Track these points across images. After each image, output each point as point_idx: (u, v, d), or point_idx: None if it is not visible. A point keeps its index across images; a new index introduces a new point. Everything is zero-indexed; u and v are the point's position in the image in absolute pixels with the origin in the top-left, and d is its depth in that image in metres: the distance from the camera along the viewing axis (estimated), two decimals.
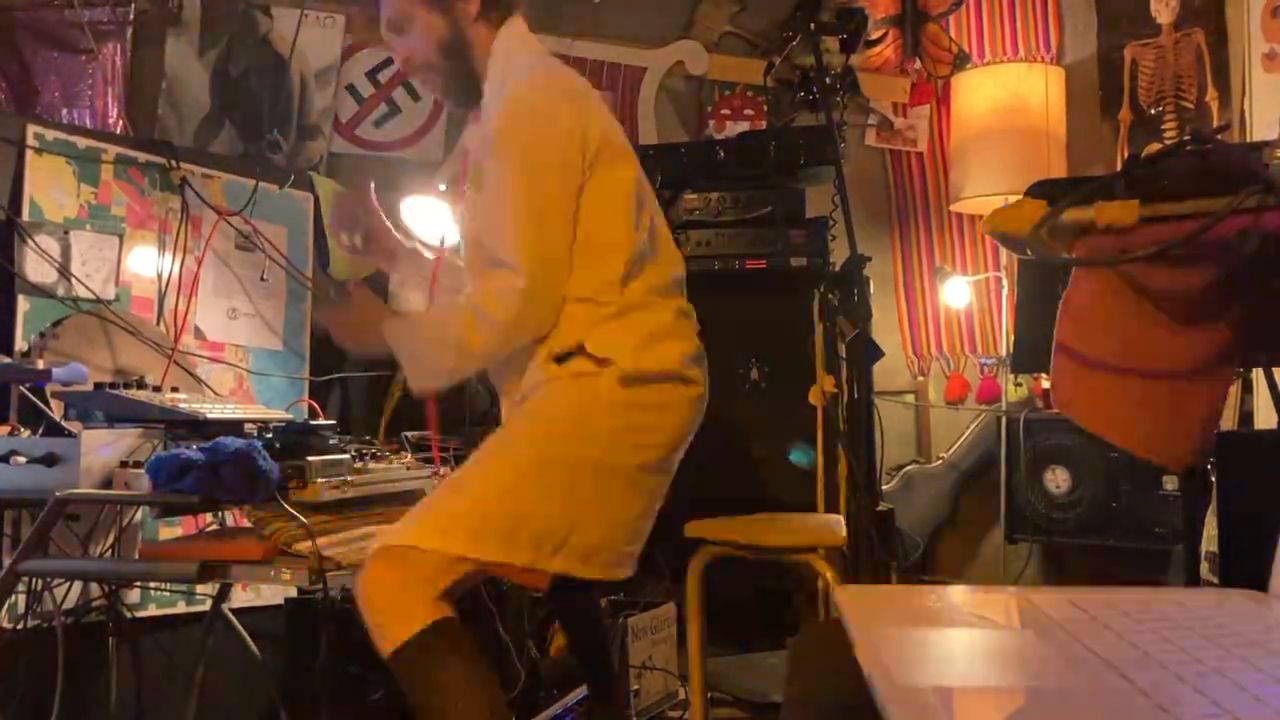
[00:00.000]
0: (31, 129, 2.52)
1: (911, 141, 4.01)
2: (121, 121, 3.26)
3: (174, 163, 2.75)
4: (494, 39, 1.92)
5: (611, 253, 1.81)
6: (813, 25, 2.13)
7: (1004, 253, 3.84)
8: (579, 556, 1.75)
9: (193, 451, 1.72)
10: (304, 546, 1.72)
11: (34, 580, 2.15)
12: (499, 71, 1.90)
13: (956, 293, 3.85)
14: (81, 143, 2.61)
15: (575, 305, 1.79)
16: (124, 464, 1.80)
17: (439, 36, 1.91)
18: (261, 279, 2.91)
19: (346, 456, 1.93)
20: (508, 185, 1.78)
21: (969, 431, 3.84)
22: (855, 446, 1.93)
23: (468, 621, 1.89)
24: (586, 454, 1.76)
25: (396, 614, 1.65)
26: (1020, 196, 1.55)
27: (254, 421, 2.02)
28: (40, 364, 2.01)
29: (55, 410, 2.04)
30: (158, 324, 2.66)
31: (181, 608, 2.56)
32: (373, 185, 2.10)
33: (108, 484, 1.78)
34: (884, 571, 1.94)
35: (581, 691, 2.41)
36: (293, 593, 2.52)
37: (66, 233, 2.52)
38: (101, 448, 1.80)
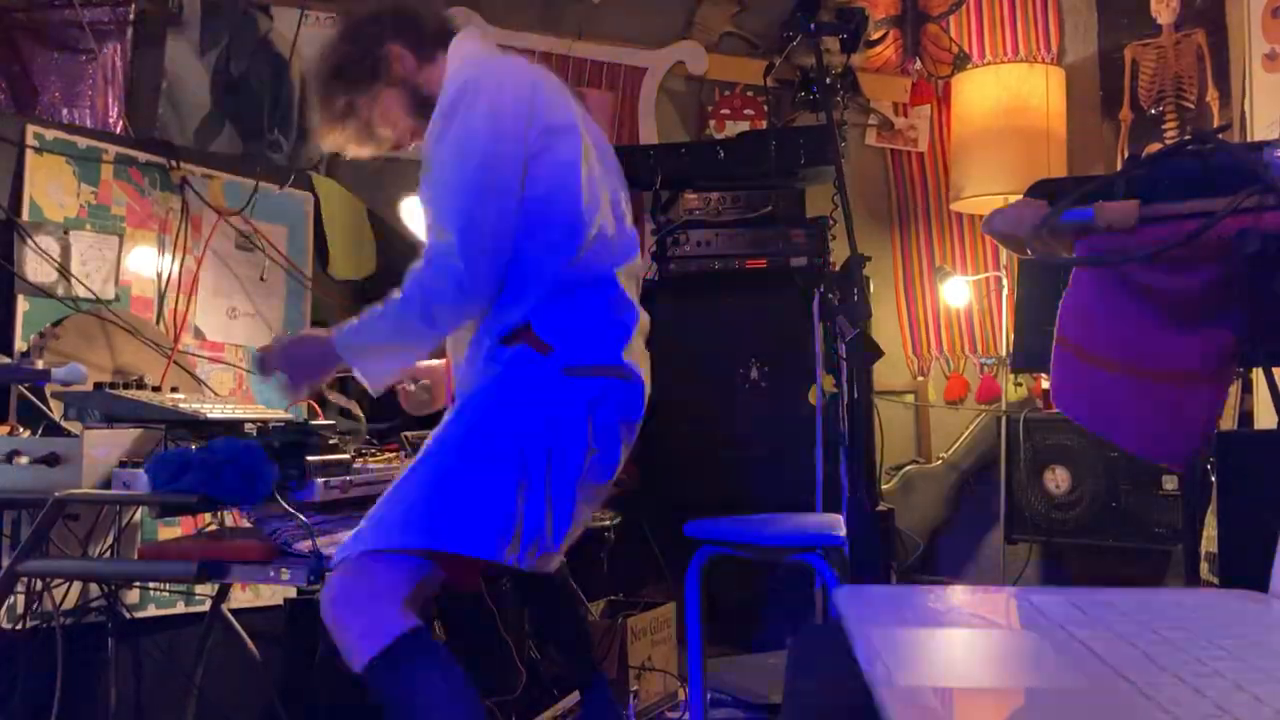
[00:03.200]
0: (31, 129, 2.52)
1: (912, 141, 4.01)
2: (121, 121, 3.26)
3: (174, 163, 2.75)
4: (445, 65, 1.92)
5: (564, 226, 1.81)
6: (813, 25, 2.13)
7: (1004, 253, 3.84)
8: (525, 548, 1.71)
9: (192, 451, 1.72)
10: (304, 546, 1.72)
11: (33, 580, 2.15)
12: (450, 74, 1.90)
13: (956, 293, 3.85)
14: (81, 143, 2.61)
15: (527, 274, 1.80)
16: (124, 464, 1.80)
17: (403, 105, 1.93)
18: (261, 279, 2.91)
19: (346, 456, 1.93)
20: (448, 156, 1.79)
21: (969, 431, 3.84)
22: (855, 446, 1.93)
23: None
24: (535, 443, 1.74)
25: (366, 626, 1.62)
26: (1020, 196, 1.55)
27: (254, 421, 2.02)
28: (40, 364, 2.01)
29: (55, 410, 2.04)
30: (157, 324, 2.66)
31: (181, 608, 2.56)
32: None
33: (107, 484, 1.78)
34: (884, 571, 1.94)
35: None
36: (293, 593, 2.52)
37: (66, 233, 2.52)
38: (101, 448, 1.79)
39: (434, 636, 1.69)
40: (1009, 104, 3.55)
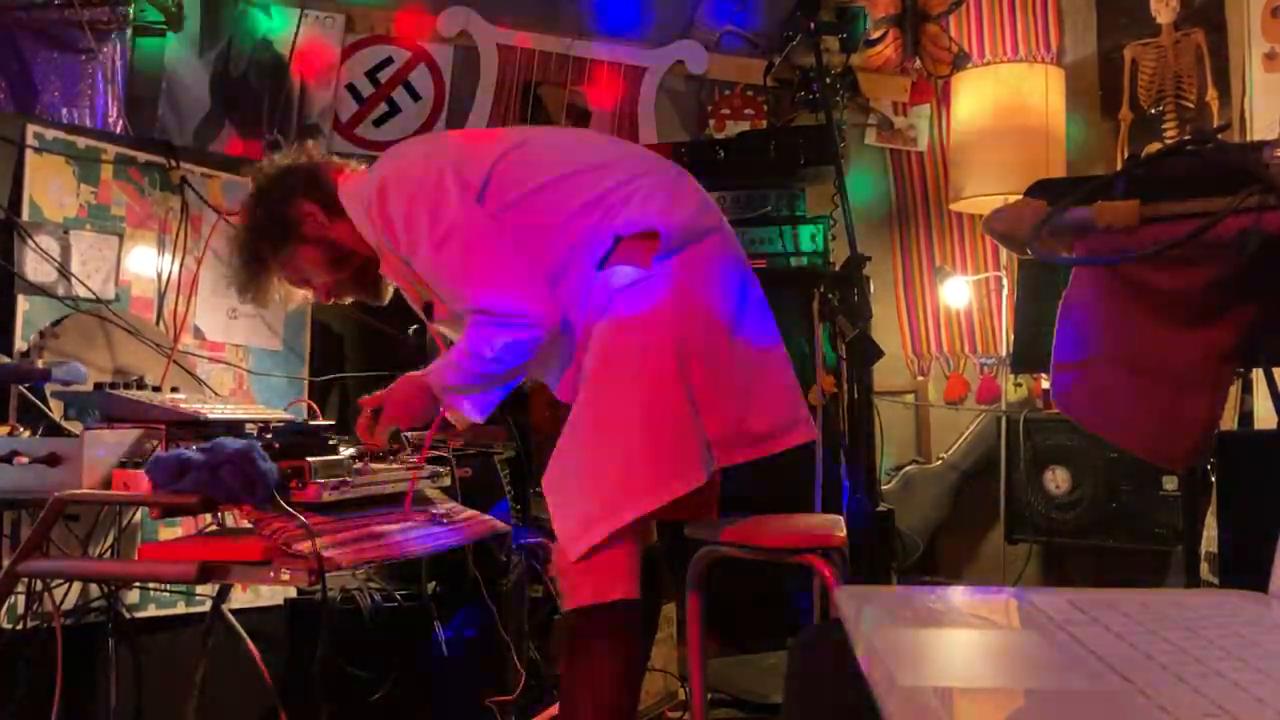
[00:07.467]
0: (31, 129, 2.52)
1: (911, 141, 4.01)
2: (121, 121, 3.26)
3: (174, 162, 2.75)
4: (349, 223, 1.95)
5: (584, 231, 1.83)
6: (813, 25, 2.13)
7: (1004, 253, 3.84)
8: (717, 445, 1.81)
9: (192, 451, 1.72)
10: (304, 546, 1.71)
11: (33, 581, 2.15)
12: (362, 202, 1.91)
13: (956, 293, 3.85)
14: (81, 142, 2.61)
15: (573, 284, 1.82)
16: (124, 464, 1.80)
17: (319, 261, 1.99)
18: None
19: (346, 457, 1.93)
20: (430, 254, 1.82)
21: (969, 431, 3.84)
22: (855, 446, 1.93)
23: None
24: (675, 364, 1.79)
25: (591, 581, 1.72)
26: (1020, 196, 1.55)
27: (254, 421, 2.02)
28: (40, 364, 2.01)
29: (55, 410, 2.04)
30: (157, 324, 2.66)
31: (181, 608, 2.56)
32: None
33: (108, 484, 1.78)
34: (884, 571, 1.94)
35: None
36: (293, 593, 2.52)
37: (66, 232, 2.52)
38: (101, 448, 1.79)
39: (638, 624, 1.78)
40: (1008, 104, 3.55)
